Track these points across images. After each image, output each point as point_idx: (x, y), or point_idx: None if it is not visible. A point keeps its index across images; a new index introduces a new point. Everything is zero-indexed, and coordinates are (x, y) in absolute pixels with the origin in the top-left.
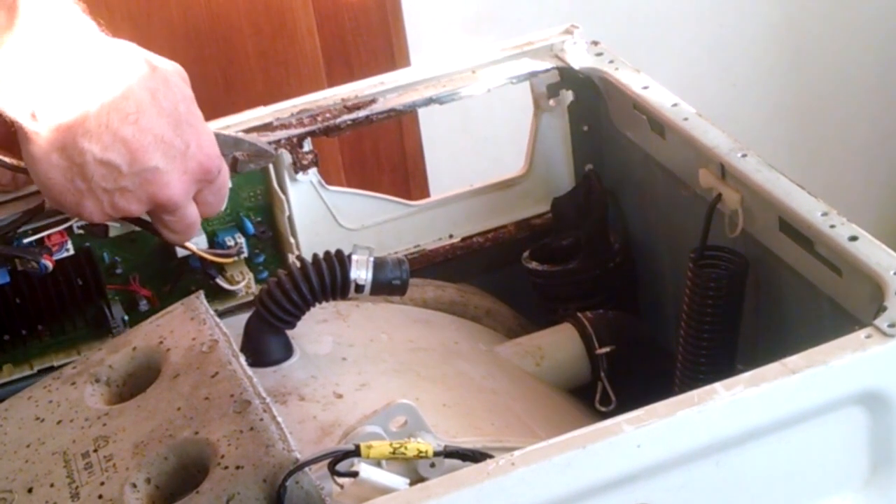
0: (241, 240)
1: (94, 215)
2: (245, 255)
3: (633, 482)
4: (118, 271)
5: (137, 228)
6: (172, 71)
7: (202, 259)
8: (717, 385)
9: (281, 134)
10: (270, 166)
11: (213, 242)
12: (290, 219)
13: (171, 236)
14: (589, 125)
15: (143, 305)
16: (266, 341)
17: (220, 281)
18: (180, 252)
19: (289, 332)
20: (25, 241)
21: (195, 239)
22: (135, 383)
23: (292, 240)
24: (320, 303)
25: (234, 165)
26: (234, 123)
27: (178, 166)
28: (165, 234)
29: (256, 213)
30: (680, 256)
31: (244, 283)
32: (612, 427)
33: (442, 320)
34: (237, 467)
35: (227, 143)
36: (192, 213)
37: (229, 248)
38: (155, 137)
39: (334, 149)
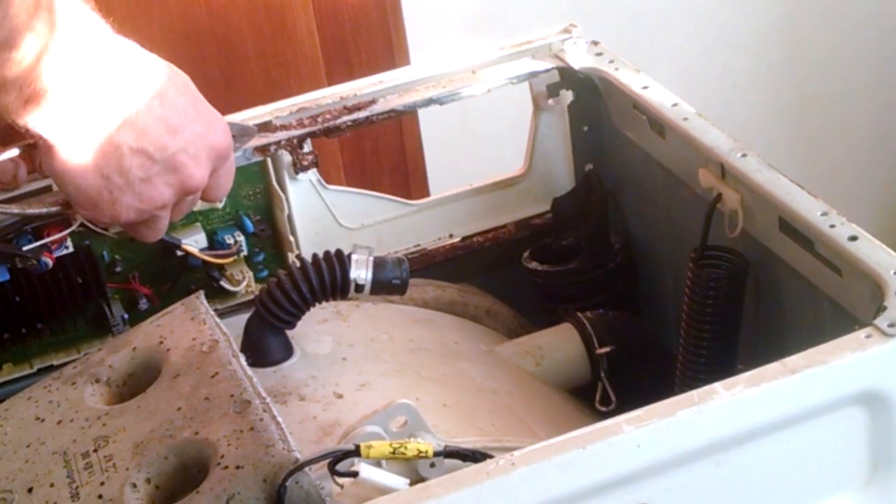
0: (241, 238)
1: (130, 212)
2: (245, 253)
3: (633, 482)
4: (118, 269)
5: None
6: (175, 67)
7: (203, 261)
8: (717, 385)
9: (281, 135)
10: (270, 166)
11: (213, 240)
12: (290, 217)
13: (174, 217)
14: (589, 125)
15: (143, 304)
16: (266, 341)
17: (222, 282)
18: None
19: (289, 332)
20: (24, 237)
21: (195, 237)
22: (135, 383)
23: (292, 238)
24: (320, 303)
25: None
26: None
27: (202, 148)
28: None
29: (256, 212)
30: (680, 256)
31: (244, 283)
32: (613, 427)
33: (442, 320)
34: (237, 467)
35: None
36: (198, 196)
37: (229, 246)
38: (179, 123)
39: (334, 148)
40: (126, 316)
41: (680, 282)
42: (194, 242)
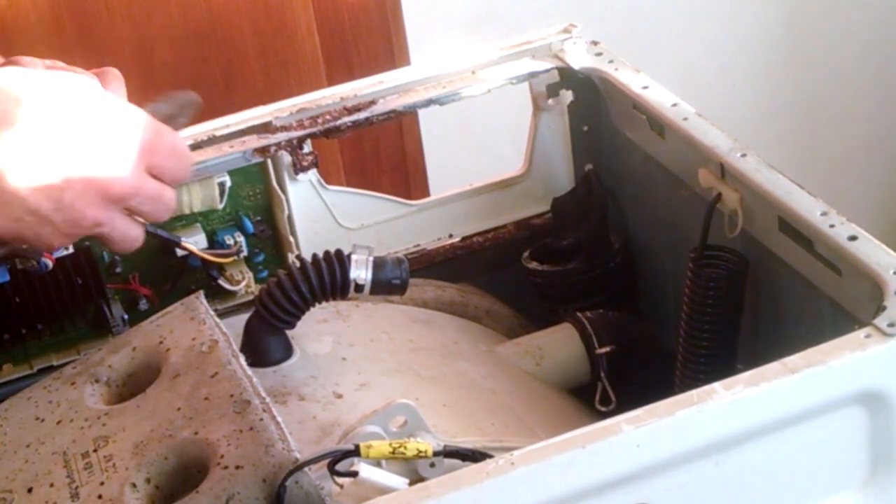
0: (241, 239)
1: (58, 239)
2: (245, 254)
3: (632, 482)
4: (118, 270)
5: None
6: (66, 74)
7: (203, 260)
8: (717, 385)
9: (281, 136)
10: (270, 166)
11: (213, 241)
12: (290, 218)
13: (150, 218)
14: (589, 125)
15: (143, 304)
16: (266, 341)
17: (221, 282)
18: (180, 251)
19: (289, 332)
20: None
21: (195, 238)
22: (135, 383)
23: (291, 239)
24: (320, 303)
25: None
26: (234, 123)
27: (115, 153)
28: (146, 218)
29: (256, 212)
30: (680, 256)
31: (244, 283)
32: (612, 427)
33: (442, 320)
34: (237, 467)
35: (156, 113)
36: (154, 187)
37: (229, 247)
38: (76, 145)
39: (334, 149)
40: (126, 316)
41: (680, 282)
42: (194, 243)
